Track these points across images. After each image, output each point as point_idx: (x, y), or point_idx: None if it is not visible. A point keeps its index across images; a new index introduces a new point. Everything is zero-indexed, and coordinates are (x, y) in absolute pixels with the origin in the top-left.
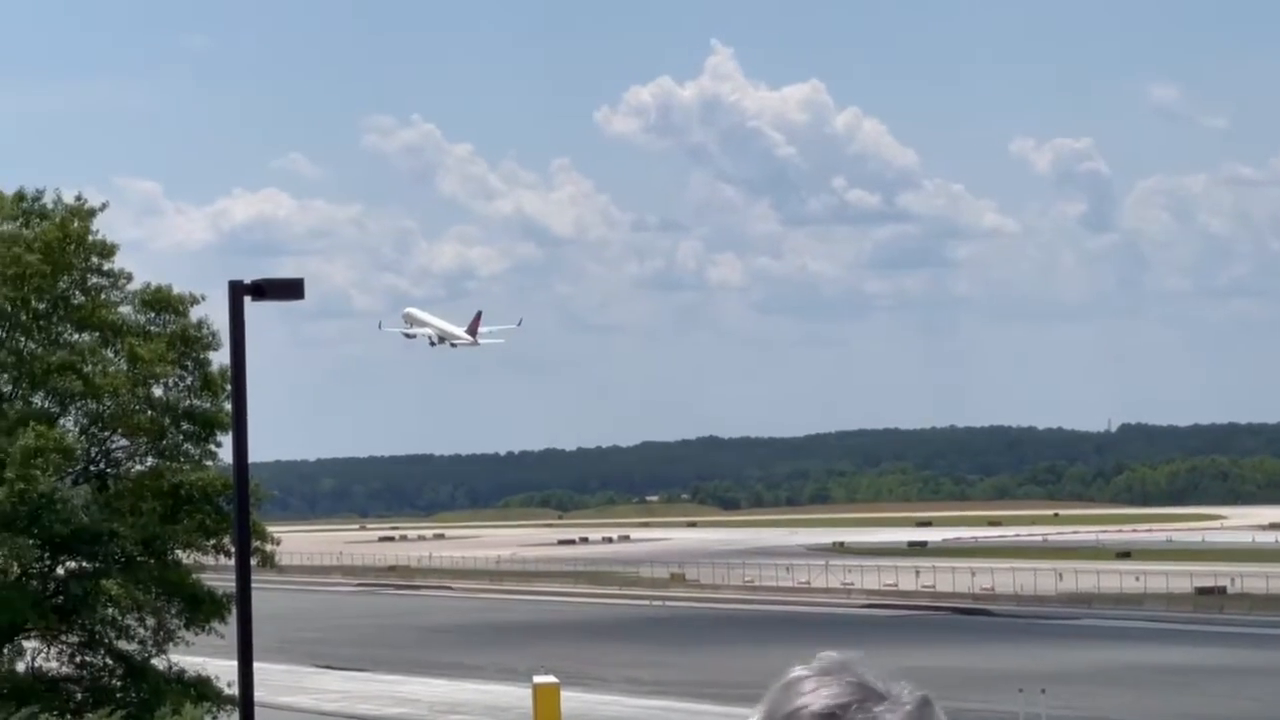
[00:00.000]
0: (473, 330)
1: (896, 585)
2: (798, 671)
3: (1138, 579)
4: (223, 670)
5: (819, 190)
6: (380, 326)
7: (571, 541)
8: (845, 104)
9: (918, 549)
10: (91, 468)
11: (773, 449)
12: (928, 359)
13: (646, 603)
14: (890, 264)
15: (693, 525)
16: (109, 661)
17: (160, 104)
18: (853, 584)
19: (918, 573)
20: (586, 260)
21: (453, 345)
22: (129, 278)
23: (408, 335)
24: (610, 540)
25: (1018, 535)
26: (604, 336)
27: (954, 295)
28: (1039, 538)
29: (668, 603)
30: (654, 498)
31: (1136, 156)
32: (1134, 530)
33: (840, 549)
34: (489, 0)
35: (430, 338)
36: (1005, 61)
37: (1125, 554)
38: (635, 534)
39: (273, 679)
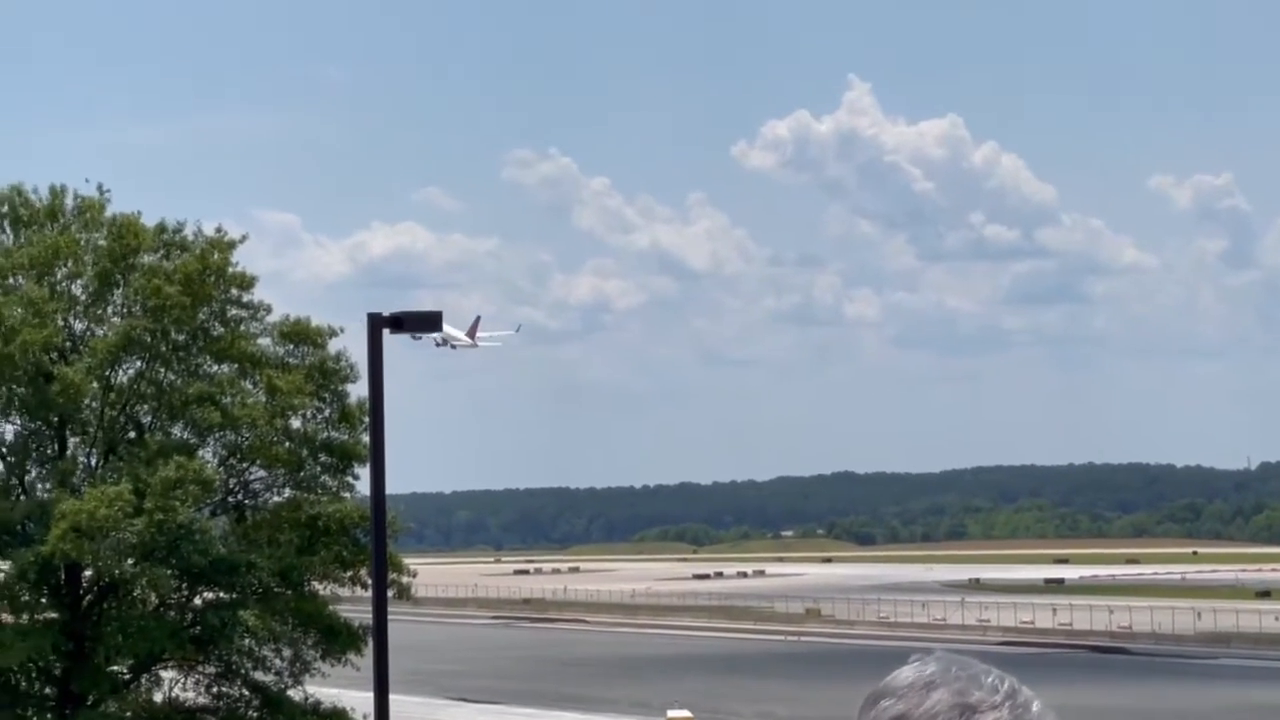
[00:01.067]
0: (472, 334)
1: (1033, 623)
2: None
3: (1277, 619)
4: (358, 702)
5: (956, 225)
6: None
7: (706, 576)
8: (983, 139)
9: (1054, 586)
10: (229, 499)
11: (909, 484)
12: (1065, 395)
13: (781, 638)
14: (1028, 299)
15: (828, 561)
16: (245, 692)
17: (300, 136)
18: (989, 621)
19: (1054, 610)
20: (723, 294)
21: (453, 347)
22: (268, 310)
23: (415, 337)
24: (745, 575)
25: (1156, 573)
26: (740, 371)
27: (1092, 331)
28: (1177, 576)
29: (802, 638)
30: (789, 533)
31: (1278, 193)
32: (1274, 569)
33: (976, 586)
34: (627, 35)
35: (436, 340)
36: (1144, 96)
37: (1265, 593)
38: (770, 569)
39: (407, 711)
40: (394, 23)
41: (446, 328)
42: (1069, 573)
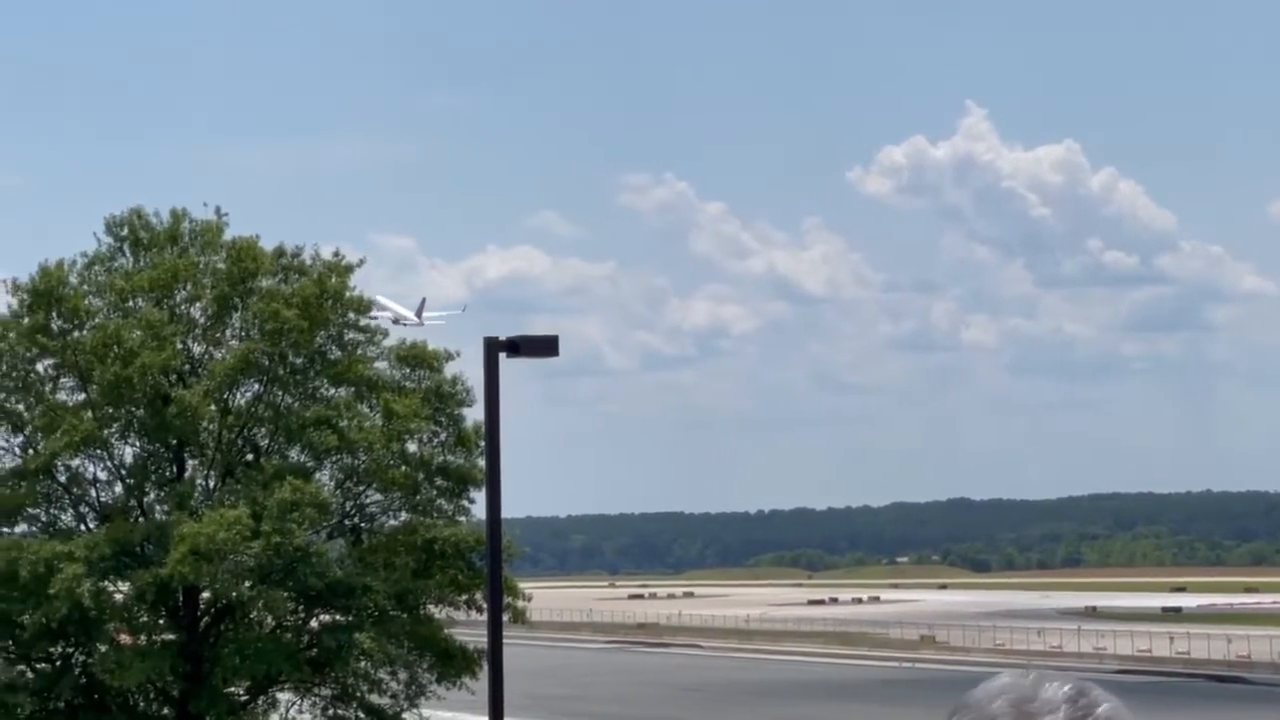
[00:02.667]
0: (419, 313)
1: (1150, 651)
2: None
3: None
4: None
5: (1074, 251)
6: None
7: (821, 602)
8: (1101, 165)
9: (1172, 615)
10: (346, 522)
11: (1025, 511)
12: (1183, 422)
13: (895, 664)
14: (1146, 326)
15: (943, 587)
16: (361, 715)
17: (416, 161)
18: (1105, 649)
19: (1172, 639)
20: (839, 319)
21: (404, 325)
22: (385, 334)
23: (372, 318)
24: (860, 601)
25: (1275, 602)
26: (856, 396)
27: (1212, 358)
28: None
29: (916, 665)
30: (904, 559)
31: None
32: None
33: (1093, 613)
34: (743, 60)
35: (391, 318)
36: (1264, 123)
37: None
38: (885, 595)
39: None
40: (512, 50)
41: (399, 309)
42: (1187, 601)
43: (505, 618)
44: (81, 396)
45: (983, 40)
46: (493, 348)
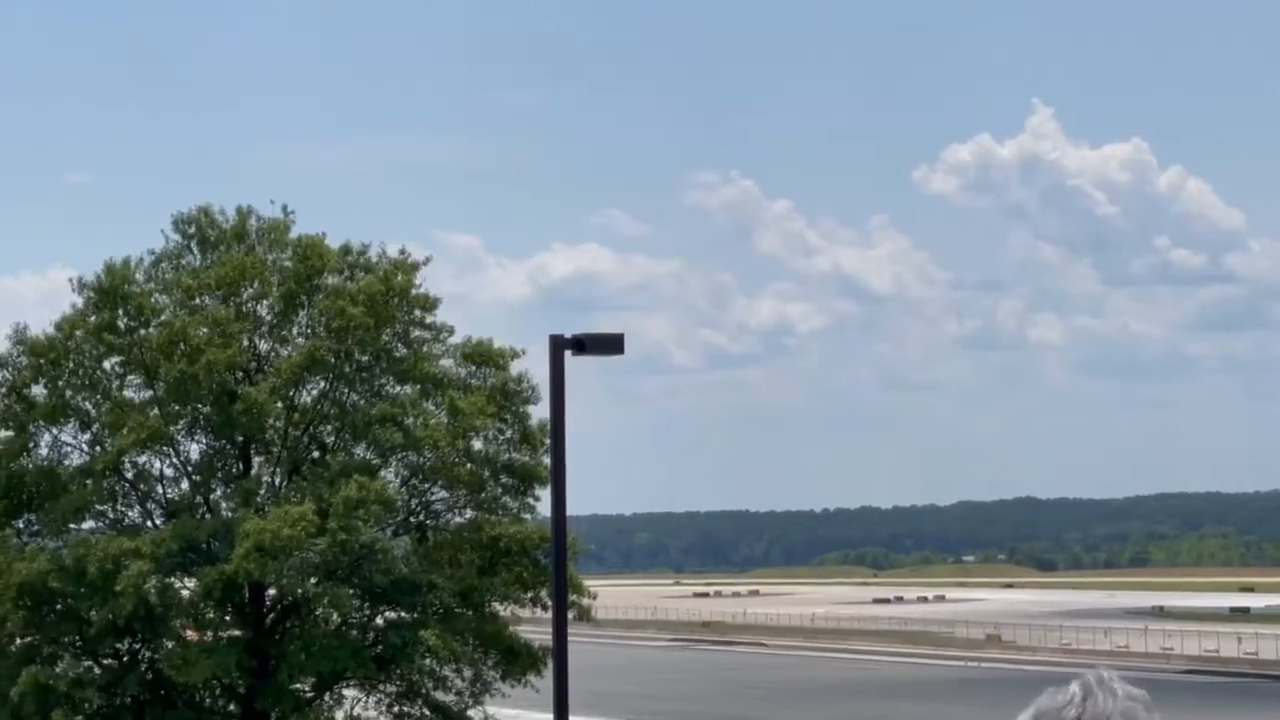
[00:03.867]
0: None
1: (1218, 651)
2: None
3: None
4: None
5: (1141, 250)
6: None
7: (886, 600)
8: (1168, 163)
9: (1240, 615)
10: (411, 519)
11: (1092, 510)
12: (1253, 422)
13: (960, 663)
14: (1215, 325)
15: (1009, 586)
16: (426, 711)
17: (481, 159)
18: (1172, 649)
19: (1239, 639)
20: (905, 318)
21: None
22: (450, 331)
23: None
24: (925, 600)
25: None
26: (922, 394)
27: None
28: None
29: (981, 664)
30: (970, 558)
31: None
32: None
33: (1160, 613)
34: (808, 58)
35: None
36: None
37: None
38: (951, 594)
39: None
40: (579, 48)
41: None
42: (1254, 601)
43: (570, 615)
44: (148, 394)
45: (1049, 38)
46: (558, 345)
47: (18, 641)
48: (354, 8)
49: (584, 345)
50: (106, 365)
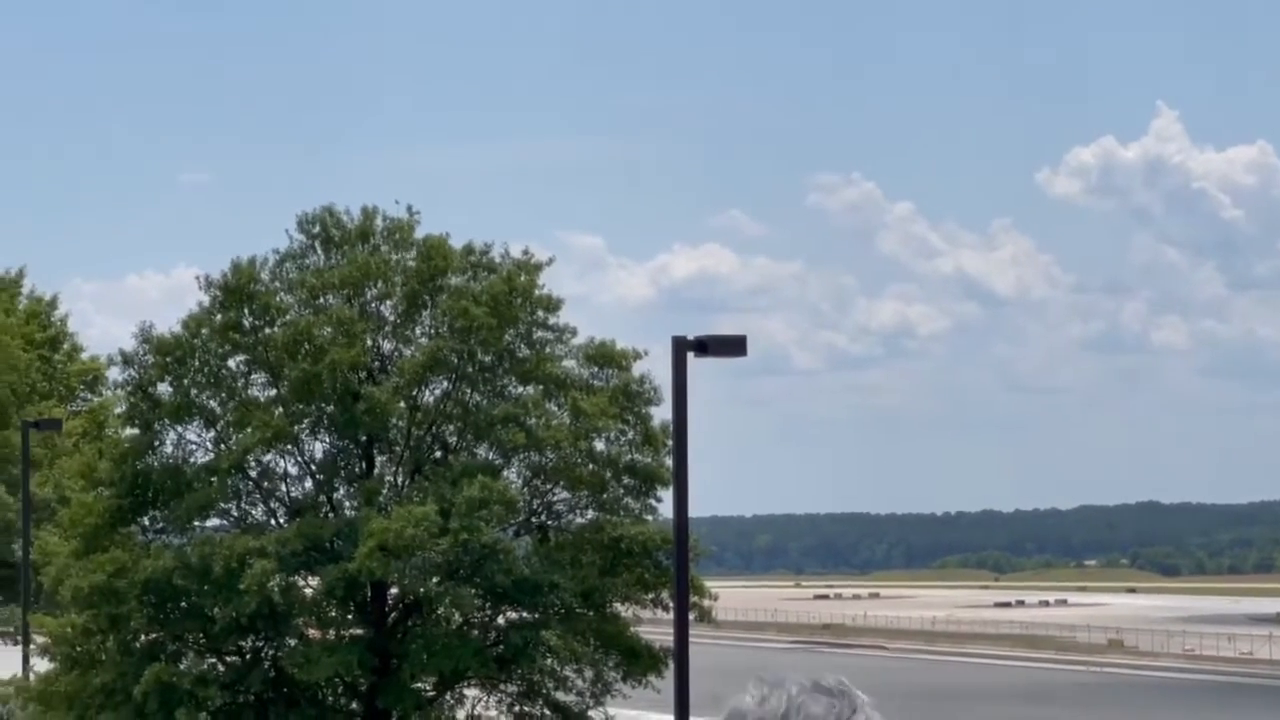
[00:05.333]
0: None
1: None
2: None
3: None
4: None
5: (1267, 253)
6: None
7: (1007, 604)
8: None
9: None
10: (533, 519)
11: (1216, 515)
12: None
13: (1081, 668)
14: None
15: (1132, 591)
16: (547, 712)
17: (604, 159)
18: None
19: None
20: (1027, 321)
21: None
22: (573, 332)
23: None
24: (1047, 604)
25: None
26: (1044, 398)
27: None
28: None
29: (1103, 669)
30: (1092, 562)
31: None
32: None
33: None
34: (932, 60)
35: None
36: None
37: None
38: (1072, 598)
39: None
40: (701, 50)
41: None
42: None
43: (691, 617)
44: (272, 392)
45: (1174, 41)
46: (681, 347)
47: (142, 639)
48: (477, 11)
49: (707, 347)
50: (231, 364)
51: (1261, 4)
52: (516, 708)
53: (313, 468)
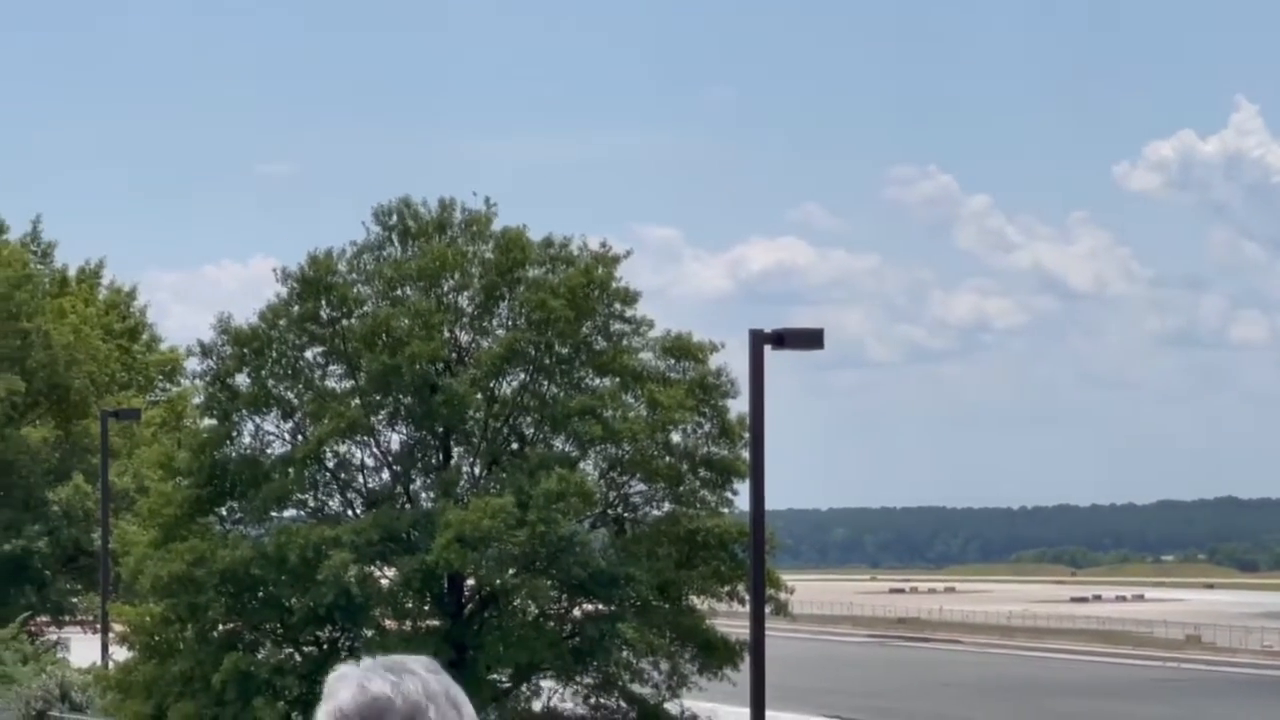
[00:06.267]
0: None
1: None
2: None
3: None
4: (735, 716)
5: None
6: None
7: (1084, 599)
8: None
9: None
10: (609, 511)
11: None
12: None
13: (1159, 664)
14: None
15: (1210, 587)
16: (623, 704)
17: (680, 153)
18: None
19: None
20: (1105, 315)
21: None
22: (650, 324)
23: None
24: (1124, 599)
25: None
26: (1121, 392)
27: None
28: None
29: (1181, 665)
30: (1169, 557)
31: None
32: None
33: None
34: (1009, 53)
35: None
36: None
37: None
38: (1149, 594)
39: None
40: (779, 42)
41: None
42: None
43: (767, 610)
44: (349, 384)
45: (1254, 35)
46: (758, 340)
47: (220, 628)
48: (556, 3)
49: (784, 339)
50: (309, 355)
51: None
52: (592, 700)
53: (389, 459)
